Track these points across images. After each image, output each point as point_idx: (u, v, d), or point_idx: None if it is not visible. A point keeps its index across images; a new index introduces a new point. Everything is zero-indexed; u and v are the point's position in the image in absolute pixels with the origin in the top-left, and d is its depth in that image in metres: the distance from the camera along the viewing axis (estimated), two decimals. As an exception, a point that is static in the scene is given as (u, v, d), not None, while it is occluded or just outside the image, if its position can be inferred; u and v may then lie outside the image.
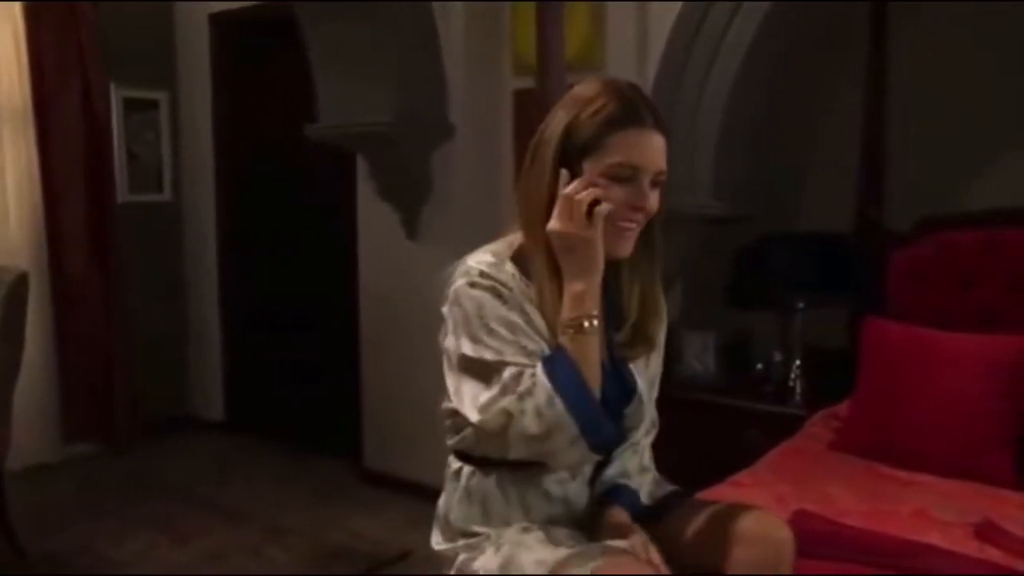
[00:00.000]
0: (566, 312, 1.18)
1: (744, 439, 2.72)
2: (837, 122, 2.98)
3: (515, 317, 1.19)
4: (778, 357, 2.96)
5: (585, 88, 1.25)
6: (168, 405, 4.30)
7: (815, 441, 2.46)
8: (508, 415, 1.17)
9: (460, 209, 3.21)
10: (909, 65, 2.77)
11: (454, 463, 1.38)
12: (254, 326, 4.30)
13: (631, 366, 1.33)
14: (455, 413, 1.30)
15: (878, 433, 2.34)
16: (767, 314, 3.09)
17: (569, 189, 1.18)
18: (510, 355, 1.18)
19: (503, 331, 1.18)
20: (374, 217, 3.41)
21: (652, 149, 1.21)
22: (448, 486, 1.39)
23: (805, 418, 2.61)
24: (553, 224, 1.18)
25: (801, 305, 2.92)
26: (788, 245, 2.90)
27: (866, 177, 2.81)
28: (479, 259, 1.26)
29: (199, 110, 4.29)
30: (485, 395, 1.19)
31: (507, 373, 1.17)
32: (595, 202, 1.19)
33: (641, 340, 1.31)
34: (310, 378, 4.04)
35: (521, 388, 1.15)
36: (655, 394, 1.43)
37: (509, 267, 1.24)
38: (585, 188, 1.18)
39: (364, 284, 3.53)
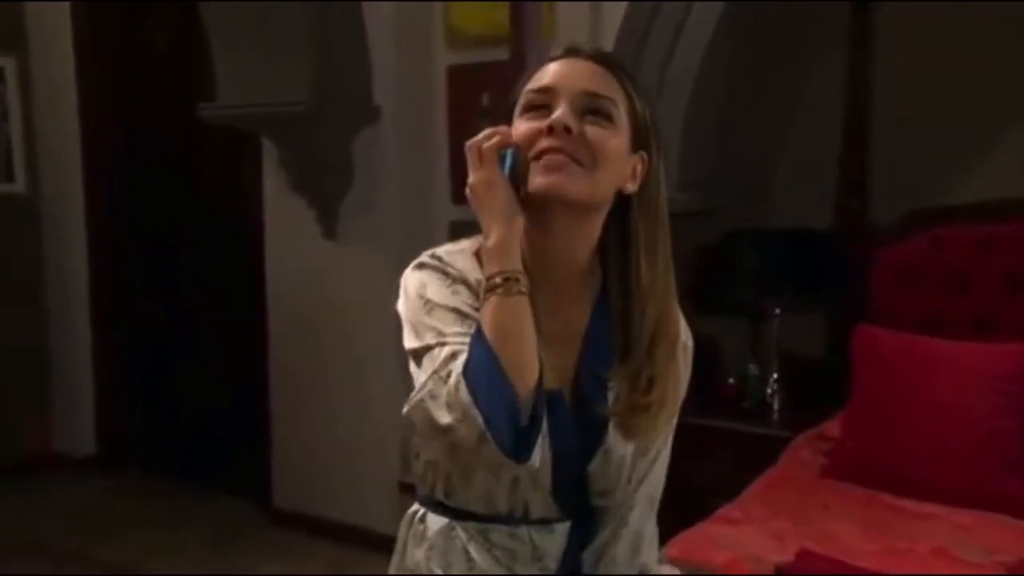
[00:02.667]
0: (484, 273, 1.07)
1: (718, 463, 2.70)
2: (814, 105, 2.99)
3: (462, 304, 1.09)
4: (754, 370, 2.96)
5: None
6: (22, 440, 4.11)
7: (804, 467, 2.45)
8: (423, 402, 1.06)
9: (387, 203, 3.16)
10: (893, 43, 2.79)
11: (414, 506, 1.23)
12: (134, 342, 4.19)
13: (613, 429, 1.13)
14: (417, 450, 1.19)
15: (876, 458, 2.33)
16: (737, 320, 3.08)
17: (471, 141, 1.10)
18: (452, 334, 1.07)
19: (445, 313, 1.09)
20: (284, 213, 3.35)
21: (572, 70, 1.11)
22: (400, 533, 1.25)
23: (787, 439, 2.60)
24: (471, 179, 1.10)
25: (777, 311, 2.93)
26: (760, 242, 2.90)
27: (847, 166, 2.82)
28: (441, 247, 1.17)
29: (59, 81, 4.08)
30: (417, 385, 1.09)
31: (442, 353, 1.06)
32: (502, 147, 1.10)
33: (640, 386, 1.11)
34: (206, 403, 4.00)
35: (443, 371, 1.05)
36: (661, 465, 1.21)
37: (468, 260, 1.14)
38: (487, 131, 1.10)
39: (272, 292, 3.48)
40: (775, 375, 2.92)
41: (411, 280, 1.13)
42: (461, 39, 3.05)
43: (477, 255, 1.13)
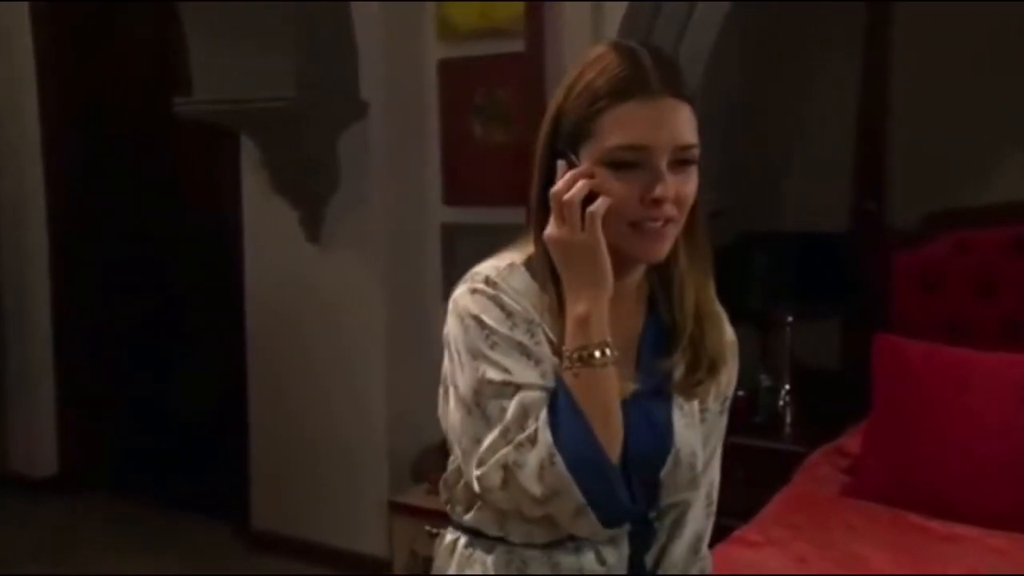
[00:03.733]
0: (569, 341, 1.11)
1: (728, 480, 2.68)
2: (828, 103, 2.99)
3: (522, 336, 1.12)
4: (766, 381, 2.95)
5: (584, 57, 1.18)
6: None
7: (823, 485, 2.44)
8: (506, 468, 1.09)
9: (376, 204, 3.12)
10: (912, 38, 2.79)
11: (450, 534, 1.26)
12: (100, 353, 4.13)
13: (679, 411, 1.19)
14: (461, 477, 1.20)
15: (901, 475, 2.32)
16: (747, 329, 3.04)
17: (556, 187, 1.12)
18: (520, 373, 1.10)
19: (511, 349, 1.11)
20: (266, 216, 3.30)
21: (662, 120, 1.11)
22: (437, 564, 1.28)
23: (800, 455, 2.60)
24: (548, 230, 1.12)
25: (789, 318, 2.92)
26: (771, 246, 2.90)
27: (863, 166, 2.86)
28: (491, 263, 1.18)
29: (15, 66, 4.00)
30: (487, 439, 1.10)
31: (512, 408, 1.09)
32: (593, 198, 1.12)
33: (703, 364, 1.20)
34: (178, 418, 3.93)
35: (523, 435, 1.08)
36: (717, 462, 1.28)
37: (522, 277, 1.16)
38: (575, 182, 1.11)
39: (252, 300, 3.43)
40: (787, 386, 2.91)
41: (465, 305, 1.14)
42: (454, 32, 3.04)
43: (528, 265, 1.16)
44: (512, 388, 1.09)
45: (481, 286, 1.13)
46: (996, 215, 2.63)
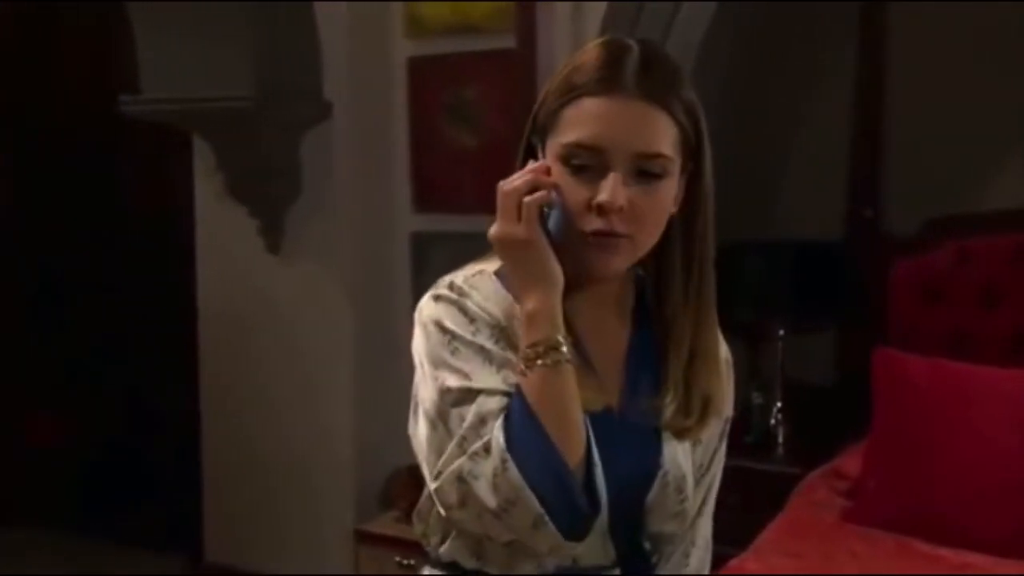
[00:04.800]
0: (522, 341, 1.10)
1: (719, 505, 2.71)
2: (822, 104, 3.00)
3: (484, 340, 1.12)
4: (757, 399, 2.94)
5: (576, 52, 1.18)
6: None
7: (822, 510, 2.42)
8: (461, 481, 1.08)
9: (340, 212, 3.09)
10: (909, 38, 2.81)
11: (426, 571, 1.24)
12: (32, 373, 4.05)
13: (669, 443, 1.18)
14: (434, 504, 1.16)
15: (905, 500, 2.29)
16: (737, 343, 3.01)
17: (504, 181, 1.13)
18: (479, 378, 1.10)
19: (472, 354, 1.12)
20: (221, 224, 3.26)
21: (627, 123, 1.09)
22: None
23: (794, 476, 2.59)
24: (491, 228, 1.12)
25: (781, 332, 2.91)
26: (762, 255, 2.90)
27: (859, 170, 2.88)
28: (461, 271, 1.19)
29: None
30: (445, 451, 1.10)
31: (469, 416, 1.09)
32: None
33: (694, 408, 1.18)
34: (121, 443, 3.89)
35: (479, 443, 1.07)
36: (708, 507, 1.27)
37: (490, 283, 1.17)
38: (527, 177, 1.12)
39: (206, 317, 3.36)
40: (779, 404, 2.90)
41: (428, 312, 1.15)
42: (424, 28, 2.99)
43: (499, 273, 1.16)
44: (472, 394, 1.08)
45: (444, 291, 1.14)
46: (1000, 222, 2.64)
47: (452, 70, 2.93)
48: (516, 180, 1.11)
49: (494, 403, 1.08)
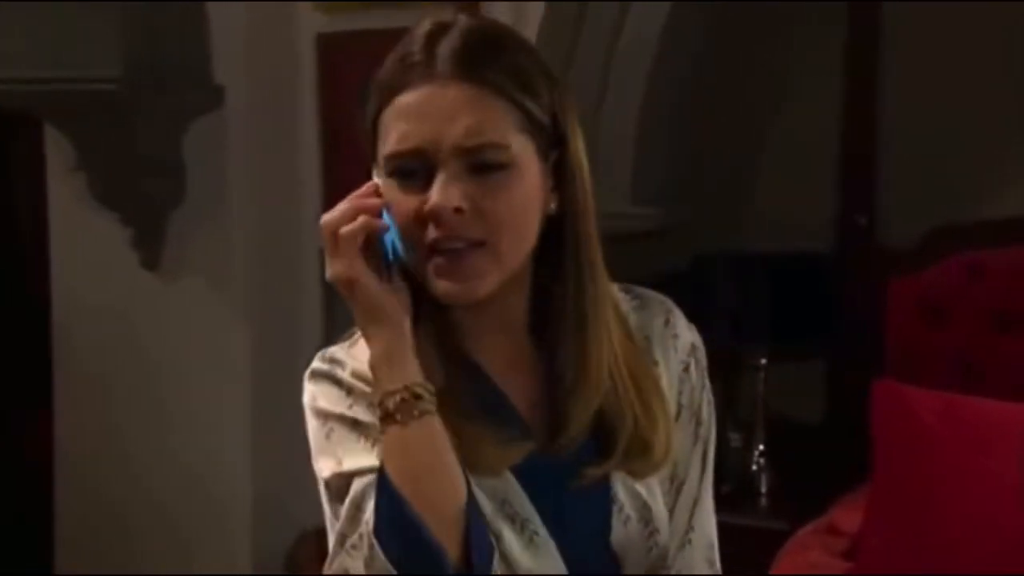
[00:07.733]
0: (373, 391, 1.14)
1: None
2: (807, 98, 3.02)
3: (360, 413, 1.16)
4: (735, 440, 2.93)
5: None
6: None
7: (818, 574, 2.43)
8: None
9: (234, 219, 3.04)
10: (907, 16, 2.81)
11: None
12: None
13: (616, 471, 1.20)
14: None
15: (915, 561, 2.27)
16: (710, 373, 3.00)
17: (326, 214, 1.16)
18: (350, 460, 1.14)
19: (346, 432, 1.16)
20: (83, 233, 3.17)
21: (443, 113, 1.10)
22: None
23: (781, 533, 2.57)
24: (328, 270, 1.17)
25: (762, 360, 2.92)
26: (738, 270, 2.95)
27: (851, 172, 2.89)
28: (338, 345, 1.24)
29: None
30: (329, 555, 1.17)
31: (345, 508, 1.13)
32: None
33: (634, 448, 1.18)
34: None
35: (355, 535, 1.12)
36: (705, 508, 1.28)
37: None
38: (344, 207, 1.14)
39: (63, 348, 3.28)
40: (761, 446, 2.91)
41: (306, 394, 1.21)
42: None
43: None
44: (346, 480, 1.12)
45: (317, 364, 1.20)
46: (1012, 232, 2.64)
47: (371, 49, 2.81)
48: (334, 211, 1.12)
49: (367, 483, 1.11)
